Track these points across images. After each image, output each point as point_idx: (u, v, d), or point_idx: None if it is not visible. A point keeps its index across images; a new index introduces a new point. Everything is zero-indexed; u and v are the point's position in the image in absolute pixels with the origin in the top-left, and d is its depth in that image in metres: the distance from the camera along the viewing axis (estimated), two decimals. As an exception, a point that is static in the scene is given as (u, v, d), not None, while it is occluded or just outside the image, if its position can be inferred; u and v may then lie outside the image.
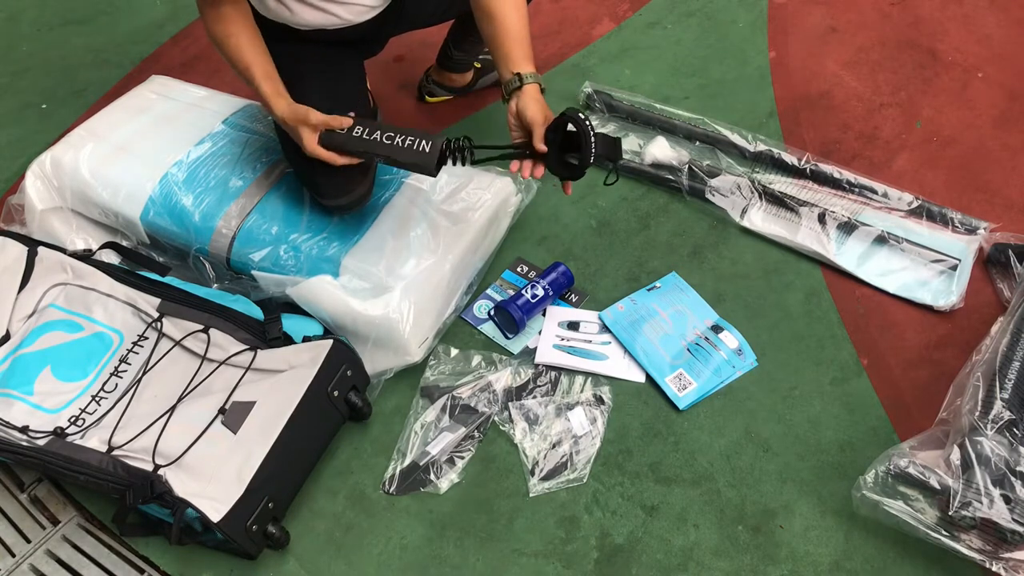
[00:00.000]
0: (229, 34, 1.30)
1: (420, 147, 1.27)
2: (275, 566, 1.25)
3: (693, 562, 1.22)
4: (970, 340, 1.40)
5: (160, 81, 1.74)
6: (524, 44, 1.30)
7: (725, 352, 1.43)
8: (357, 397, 1.34)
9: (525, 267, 1.60)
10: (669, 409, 1.38)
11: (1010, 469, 1.12)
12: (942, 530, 1.13)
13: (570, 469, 1.32)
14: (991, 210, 1.63)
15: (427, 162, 1.27)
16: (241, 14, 1.31)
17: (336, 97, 1.45)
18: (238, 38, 1.31)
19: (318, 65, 1.46)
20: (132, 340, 1.37)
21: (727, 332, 1.45)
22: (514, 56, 1.28)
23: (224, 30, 1.30)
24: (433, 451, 1.34)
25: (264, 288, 1.42)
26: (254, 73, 1.30)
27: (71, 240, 1.54)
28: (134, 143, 1.56)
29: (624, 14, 2.16)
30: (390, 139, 1.28)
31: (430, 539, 1.26)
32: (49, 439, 1.25)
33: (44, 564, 1.28)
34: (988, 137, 1.78)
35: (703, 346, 1.44)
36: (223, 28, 1.30)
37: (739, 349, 1.43)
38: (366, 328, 1.36)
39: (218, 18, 1.30)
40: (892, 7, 2.11)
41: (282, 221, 1.47)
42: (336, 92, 1.47)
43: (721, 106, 1.89)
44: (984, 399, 1.20)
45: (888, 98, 1.88)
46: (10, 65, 2.19)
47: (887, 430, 1.34)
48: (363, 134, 1.30)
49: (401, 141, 1.28)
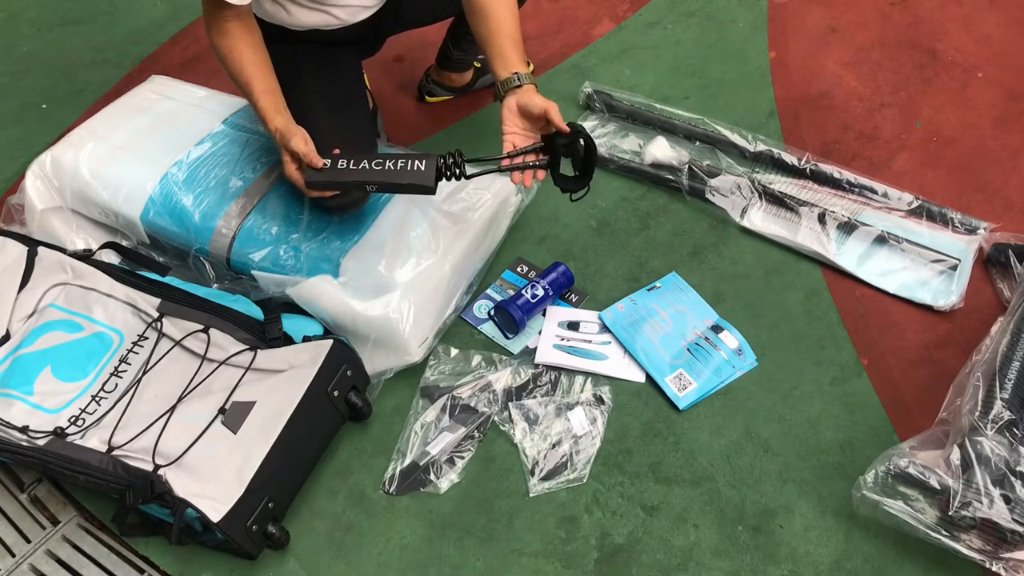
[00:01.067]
0: (232, 48, 1.30)
1: (415, 167, 1.24)
2: (275, 566, 1.25)
3: (693, 562, 1.22)
4: (970, 340, 1.40)
5: (160, 81, 1.74)
6: (519, 44, 1.31)
7: (725, 352, 1.43)
8: (357, 397, 1.34)
9: (525, 267, 1.60)
10: (669, 409, 1.38)
11: (1010, 469, 1.12)
12: (942, 530, 1.13)
13: (570, 469, 1.32)
14: (991, 210, 1.63)
15: (425, 180, 1.24)
16: (246, 29, 1.31)
17: (333, 98, 1.46)
18: (241, 53, 1.30)
19: (315, 66, 1.46)
20: (132, 340, 1.37)
21: (727, 332, 1.45)
22: (511, 56, 1.28)
23: (228, 44, 1.30)
24: (433, 451, 1.34)
25: (264, 288, 1.41)
26: (254, 88, 1.30)
27: (71, 240, 1.54)
28: (134, 143, 1.56)
29: (624, 14, 2.16)
30: (380, 165, 1.25)
31: (430, 539, 1.26)
32: (49, 439, 1.25)
33: (44, 564, 1.28)
34: (988, 137, 1.78)
35: (703, 346, 1.44)
36: (227, 42, 1.30)
37: (739, 349, 1.43)
38: (366, 328, 1.36)
39: (222, 32, 1.30)
40: (892, 7, 2.11)
41: (282, 221, 1.47)
42: (333, 93, 1.47)
43: (721, 106, 1.89)
44: (984, 399, 1.20)
45: (888, 98, 1.88)
46: (10, 65, 2.19)
47: (887, 430, 1.34)
48: (349, 165, 1.25)
49: (393, 164, 1.25)
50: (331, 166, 1.25)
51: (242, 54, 1.30)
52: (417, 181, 1.24)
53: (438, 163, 1.25)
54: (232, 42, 1.30)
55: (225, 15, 1.28)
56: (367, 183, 1.25)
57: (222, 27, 1.29)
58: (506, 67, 1.28)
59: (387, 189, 1.28)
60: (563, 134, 1.24)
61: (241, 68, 1.30)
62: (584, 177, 1.27)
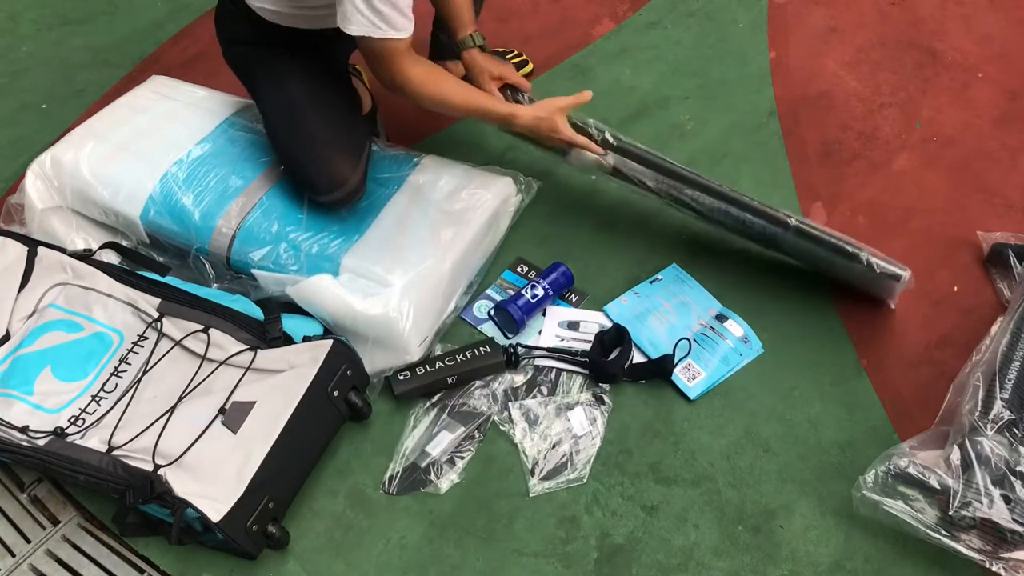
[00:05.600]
0: (443, 89, 1.41)
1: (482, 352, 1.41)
2: (275, 566, 1.25)
3: (693, 562, 1.22)
4: (970, 340, 1.40)
5: (160, 81, 1.74)
6: (469, 9, 1.55)
7: (731, 341, 1.43)
8: (357, 397, 1.34)
9: (525, 267, 1.60)
10: (669, 409, 1.38)
11: (1010, 469, 1.12)
12: (942, 530, 1.13)
13: (570, 469, 1.32)
14: (991, 210, 1.63)
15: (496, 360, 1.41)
16: (434, 66, 1.42)
17: (320, 92, 1.49)
18: (451, 86, 1.42)
19: (301, 64, 1.49)
20: (132, 340, 1.36)
21: (732, 321, 1.46)
22: (465, 20, 1.55)
23: (436, 88, 1.40)
24: (433, 451, 1.34)
25: (264, 287, 1.42)
26: (482, 101, 1.44)
27: (71, 240, 1.53)
28: (134, 143, 1.56)
29: (624, 14, 2.16)
30: (452, 360, 1.40)
31: (430, 539, 1.26)
32: (49, 439, 1.25)
33: (44, 564, 1.28)
34: (988, 137, 1.78)
35: (709, 336, 1.44)
36: (435, 87, 1.40)
37: (745, 337, 1.44)
38: (366, 327, 1.36)
39: (424, 83, 1.38)
40: (892, 7, 2.11)
41: (282, 220, 1.47)
42: (322, 92, 1.50)
43: (721, 106, 1.89)
44: (984, 399, 1.20)
45: (888, 98, 1.88)
46: (10, 65, 2.19)
47: (887, 430, 1.34)
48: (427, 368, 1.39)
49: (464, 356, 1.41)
50: (412, 375, 1.39)
51: (452, 86, 1.42)
52: (490, 362, 1.41)
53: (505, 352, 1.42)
54: (436, 84, 1.40)
55: (406, 57, 1.34)
56: (450, 375, 1.39)
57: (415, 77, 1.37)
58: (464, 30, 1.54)
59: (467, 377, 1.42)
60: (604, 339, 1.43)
61: (460, 97, 1.43)
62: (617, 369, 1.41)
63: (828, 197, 1.69)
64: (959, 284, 1.53)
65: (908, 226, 1.63)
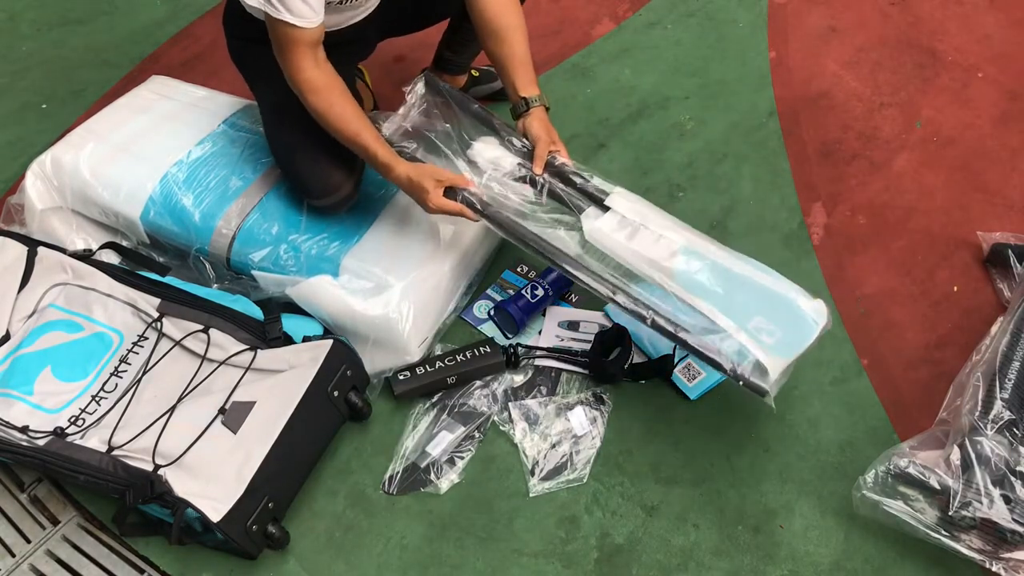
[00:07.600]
0: (330, 104, 1.32)
1: (483, 352, 1.41)
2: (275, 566, 1.25)
3: (693, 562, 1.22)
4: (970, 340, 1.40)
5: (160, 81, 1.74)
6: (529, 67, 1.43)
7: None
8: (357, 397, 1.34)
9: (525, 267, 1.60)
10: (669, 409, 1.38)
11: (1010, 469, 1.12)
12: (942, 530, 1.13)
13: (570, 469, 1.32)
14: (991, 210, 1.63)
15: (496, 360, 1.41)
16: (329, 76, 1.32)
17: None
18: (342, 107, 1.32)
19: None
20: (132, 340, 1.36)
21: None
22: (521, 81, 1.42)
23: (324, 101, 1.31)
24: (433, 451, 1.34)
25: (264, 288, 1.42)
26: (364, 139, 1.32)
27: (71, 240, 1.54)
28: (134, 143, 1.56)
29: (624, 14, 2.16)
30: (452, 360, 1.40)
31: (430, 539, 1.26)
32: (49, 439, 1.25)
33: (44, 564, 1.28)
34: (988, 137, 1.78)
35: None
36: (322, 99, 1.31)
37: None
38: (366, 328, 1.36)
39: (312, 90, 1.31)
40: (892, 7, 2.11)
41: (282, 221, 1.47)
42: None
43: (721, 106, 1.89)
44: (984, 399, 1.20)
45: (888, 98, 1.88)
46: (10, 65, 2.19)
47: (887, 430, 1.34)
48: (427, 369, 1.39)
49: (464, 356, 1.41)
50: (412, 375, 1.39)
51: (343, 108, 1.32)
52: (490, 362, 1.41)
53: (504, 352, 1.42)
54: (327, 97, 1.32)
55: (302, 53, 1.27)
56: (450, 376, 1.39)
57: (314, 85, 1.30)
58: (517, 92, 1.42)
59: (467, 377, 1.41)
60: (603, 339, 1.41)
61: (345, 122, 1.32)
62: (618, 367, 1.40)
63: (828, 197, 1.69)
64: (959, 284, 1.53)
65: (908, 226, 1.63)
